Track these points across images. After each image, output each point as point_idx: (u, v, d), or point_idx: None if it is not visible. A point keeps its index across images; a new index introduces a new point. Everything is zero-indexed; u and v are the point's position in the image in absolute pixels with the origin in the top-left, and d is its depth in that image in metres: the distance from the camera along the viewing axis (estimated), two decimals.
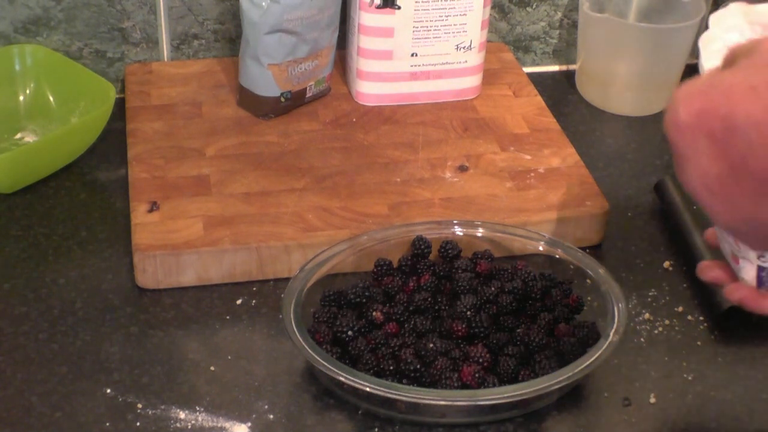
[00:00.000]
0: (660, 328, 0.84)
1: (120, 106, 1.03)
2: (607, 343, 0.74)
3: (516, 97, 1.09)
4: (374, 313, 0.79)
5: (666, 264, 0.91)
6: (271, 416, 0.74)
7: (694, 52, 1.19)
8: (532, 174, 0.96)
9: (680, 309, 0.86)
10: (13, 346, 0.79)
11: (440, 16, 1.02)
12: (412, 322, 0.79)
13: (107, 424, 0.73)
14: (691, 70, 1.15)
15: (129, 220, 0.88)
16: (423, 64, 1.05)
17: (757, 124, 0.49)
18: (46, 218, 0.93)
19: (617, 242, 0.93)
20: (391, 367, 0.75)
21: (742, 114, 0.49)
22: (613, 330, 0.75)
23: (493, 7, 1.14)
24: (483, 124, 1.04)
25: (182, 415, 0.74)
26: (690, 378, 0.79)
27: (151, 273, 0.84)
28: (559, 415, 0.76)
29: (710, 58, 0.75)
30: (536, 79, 1.14)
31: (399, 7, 1.01)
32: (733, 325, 0.84)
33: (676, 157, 0.54)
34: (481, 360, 0.75)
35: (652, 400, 0.77)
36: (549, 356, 0.76)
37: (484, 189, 0.94)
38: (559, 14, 1.18)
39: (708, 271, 0.70)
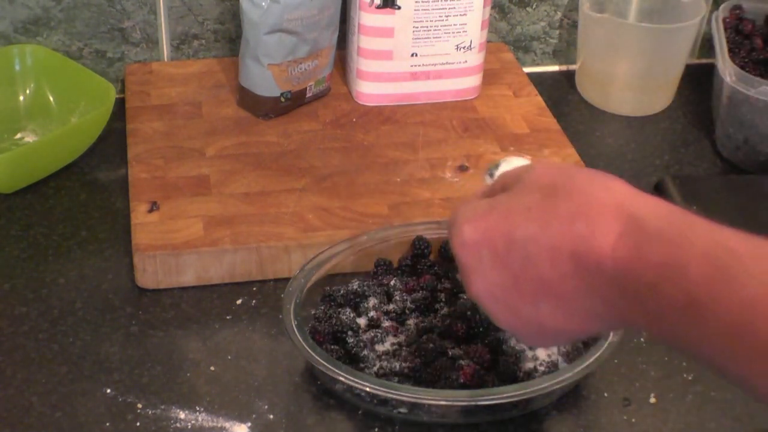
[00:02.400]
0: None
1: (120, 106, 1.03)
2: (607, 343, 0.74)
3: (516, 97, 1.09)
4: (374, 313, 0.79)
5: None
6: (271, 416, 0.74)
7: (694, 51, 1.20)
8: None
9: None
10: (13, 346, 0.79)
11: (440, 16, 1.02)
12: (412, 322, 0.79)
13: (107, 424, 0.73)
14: (692, 70, 1.15)
15: (129, 220, 0.88)
16: (423, 64, 1.05)
17: (533, 238, 0.57)
18: (46, 218, 0.93)
19: None
20: (391, 367, 0.75)
21: (520, 231, 0.58)
22: None
23: (493, 7, 1.14)
24: (483, 124, 1.04)
25: (182, 415, 0.74)
26: (690, 378, 0.79)
27: (151, 273, 0.84)
28: (559, 415, 0.76)
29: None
30: (536, 79, 1.14)
31: (399, 7, 1.01)
32: None
33: (463, 270, 0.62)
34: (481, 360, 0.75)
35: (652, 400, 0.77)
36: (549, 356, 0.76)
37: None
38: (559, 14, 1.18)
39: None
